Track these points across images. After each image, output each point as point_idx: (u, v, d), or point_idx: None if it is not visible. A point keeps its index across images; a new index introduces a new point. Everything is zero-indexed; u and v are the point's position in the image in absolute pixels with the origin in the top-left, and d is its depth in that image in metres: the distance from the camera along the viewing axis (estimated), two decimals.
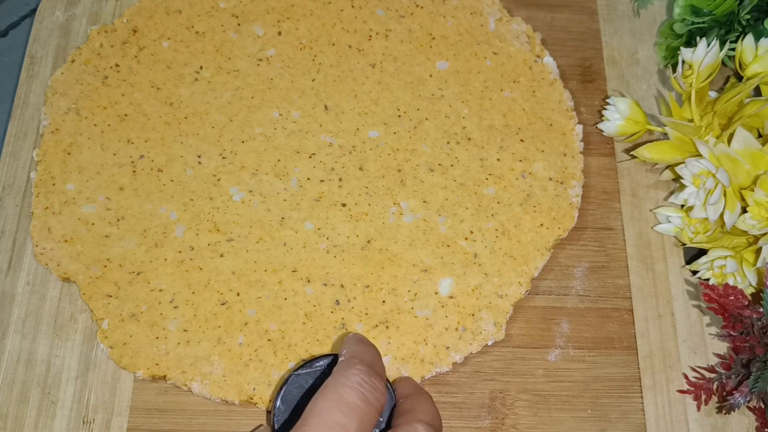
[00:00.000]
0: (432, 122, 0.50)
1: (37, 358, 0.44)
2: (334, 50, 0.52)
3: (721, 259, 0.45)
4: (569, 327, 0.46)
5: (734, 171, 0.44)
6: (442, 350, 0.44)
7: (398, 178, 0.48)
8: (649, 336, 0.46)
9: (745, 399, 0.42)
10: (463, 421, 0.43)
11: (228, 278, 0.45)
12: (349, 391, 0.32)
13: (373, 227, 0.47)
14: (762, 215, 0.43)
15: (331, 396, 0.32)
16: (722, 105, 0.46)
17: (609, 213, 0.49)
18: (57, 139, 0.48)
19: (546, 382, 0.45)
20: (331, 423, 0.31)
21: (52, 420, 0.43)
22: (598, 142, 0.51)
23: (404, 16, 0.53)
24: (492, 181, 0.48)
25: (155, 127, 0.49)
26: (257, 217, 0.47)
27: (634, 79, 0.53)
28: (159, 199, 0.47)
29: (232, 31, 0.52)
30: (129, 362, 0.43)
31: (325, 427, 0.31)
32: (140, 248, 0.46)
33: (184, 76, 0.51)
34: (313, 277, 0.45)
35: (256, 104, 0.50)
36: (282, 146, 0.49)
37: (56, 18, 0.53)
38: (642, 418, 0.44)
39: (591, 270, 0.47)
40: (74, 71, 0.50)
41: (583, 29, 0.54)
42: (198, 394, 0.43)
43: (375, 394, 0.33)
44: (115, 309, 0.44)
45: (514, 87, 0.51)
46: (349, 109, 0.50)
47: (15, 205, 0.48)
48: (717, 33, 0.49)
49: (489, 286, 0.46)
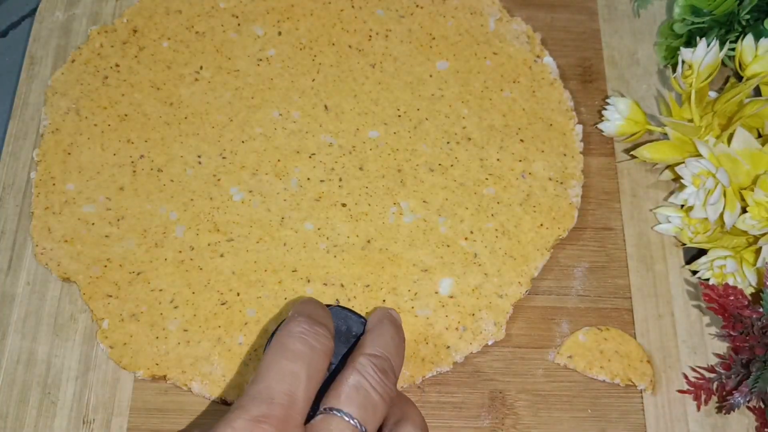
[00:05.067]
0: (432, 122, 0.50)
1: (37, 358, 0.44)
2: (334, 50, 0.52)
3: (721, 259, 0.45)
4: (569, 327, 0.46)
5: (734, 171, 0.44)
6: (443, 350, 0.44)
7: (398, 178, 0.48)
8: (649, 336, 0.46)
9: (745, 399, 0.42)
10: (463, 421, 0.43)
11: (228, 278, 0.45)
12: (293, 340, 0.34)
13: (373, 227, 0.47)
14: (762, 215, 0.43)
15: (277, 348, 0.34)
16: (722, 105, 0.46)
17: (609, 213, 0.49)
18: (57, 139, 0.48)
19: (546, 382, 0.45)
20: (281, 371, 0.33)
21: (52, 420, 0.43)
22: (598, 142, 0.51)
23: (404, 16, 0.53)
24: (492, 181, 0.48)
25: (155, 127, 0.49)
26: (257, 217, 0.47)
27: (634, 79, 0.53)
28: (159, 199, 0.47)
29: (232, 31, 0.52)
30: (129, 362, 0.43)
31: (276, 376, 0.32)
32: (140, 248, 0.46)
33: (184, 76, 0.51)
34: (313, 277, 0.45)
35: (256, 104, 0.50)
36: (282, 146, 0.49)
37: (56, 18, 0.53)
38: (642, 418, 0.44)
39: (591, 270, 0.47)
40: (74, 71, 0.50)
41: (583, 29, 0.54)
42: (198, 394, 0.43)
43: (318, 338, 0.34)
44: (115, 309, 0.44)
45: (514, 87, 0.51)
46: (349, 109, 0.50)
47: (15, 205, 0.48)
48: (717, 33, 0.49)
49: (489, 286, 0.46)
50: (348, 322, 0.38)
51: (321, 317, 0.36)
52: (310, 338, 0.34)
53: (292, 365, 0.33)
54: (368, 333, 0.38)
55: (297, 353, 0.33)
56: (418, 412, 0.37)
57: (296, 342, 0.34)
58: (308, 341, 0.34)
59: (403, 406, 0.37)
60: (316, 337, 0.34)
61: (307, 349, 0.34)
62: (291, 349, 0.34)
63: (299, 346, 0.34)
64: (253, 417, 0.31)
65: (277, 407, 0.32)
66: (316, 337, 0.34)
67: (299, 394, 0.32)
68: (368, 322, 0.39)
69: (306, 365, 0.33)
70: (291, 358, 0.33)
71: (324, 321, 0.36)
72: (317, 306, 0.37)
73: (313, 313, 0.36)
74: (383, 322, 0.38)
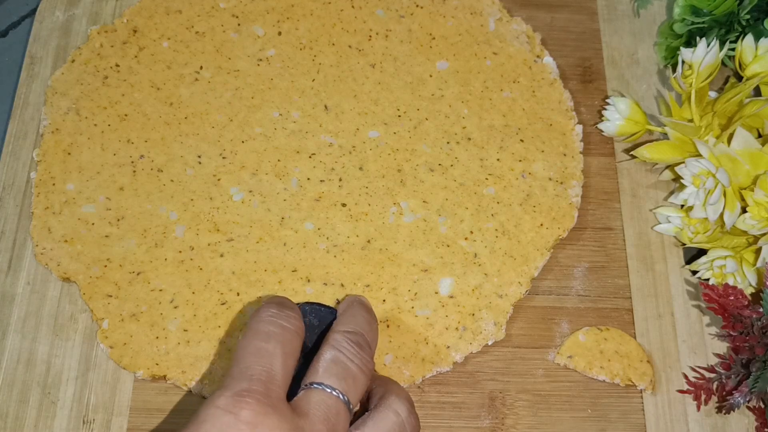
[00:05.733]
0: (432, 122, 0.50)
1: (37, 358, 0.44)
2: (334, 50, 0.52)
3: (721, 259, 0.45)
4: (569, 327, 0.46)
5: (734, 171, 0.44)
6: (443, 349, 0.44)
7: (398, 178, 0.48)
8: (649, 336, 0.46)
9: (745, 399, 0.42)
10: (463, 421, 0.43)
11: (228, 278, 0.45)
12: (263, 324, 0.35)
13: (373, 227, 0.47)
14: (762, 215, 0.43)
15: (249, 333, 0.35)
16: (722, 105, 0.46)
17: (609, 213, 0.49)
18: (57, 139, 0.48)
19: (546, 382, 0.45)
20: (257, 351, 0.34)
21: (52, 420, 0.43)
22: (598, 142, 0.51)
23: (404, 16, 0.53)
24: (492, 181, 0.48)
25: (155, 127, 0.49)
26: (257, 217, 0.47)
27: (634, 79, 0.53)
28: (159, 199, 0.47)
29: (232, 31, 0.52)
30: (129, 362, 0.43)
31: (252, 357, 0.34)
32: (140, 248, 0.46)
33: (184, 76, 0.51)
34: (313, 277, 0.45)
35: (256, 104, 0.50)
36: (282, 146, 0.49)
37: (56, 18, 0.53)
38: (642, 418, 0.44)
39: (591, 270, 0.47)
40: (74, 71, 0.50)
41: (583, 29, 0.54)
42: (198, 394, 0.43)
43: (288, 320, 0.36)
44: (115, 309, 0.44)
45: (514, 87, 0.51)
46: (349, 109, 0.50)
47: (15, 205, 0.48)
48: (717, 33, 0.49)
49: (489, 286, 0.46)
50: (319, 315, 0.40)
51: (288, 304, 0.37)
52: (280, 320, 0.36)
53: (266, 345, 0.34)
54: (340, 316, 0.39)
55: (269, 333, 0.35)
56: (401, 388, 0.38)
57: (267, 324, 0.35)
58: (278, 322, 0.36)
59: (386, 384, 0.38)
60: (286, 318, 0.36)
61: (278, 329, 0.35)
62: (263, 330, 0.35)
63: (270, 328, 0.35)
64: (235, 393, 0.32)
65: (257, 382, 0.33)
66: (286, 318, 0.36)
67: (277, 369, 0.34)
68: (339, 308, 0.40)
69: (279, 343, 0.35)
70: (264, 339, 0.35)
71: (291, 306, 0.37)
72: (284, 298, 0.39)
73: (282, 301, 0.37)
74: (353, 305, 0.40)
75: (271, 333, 0.35)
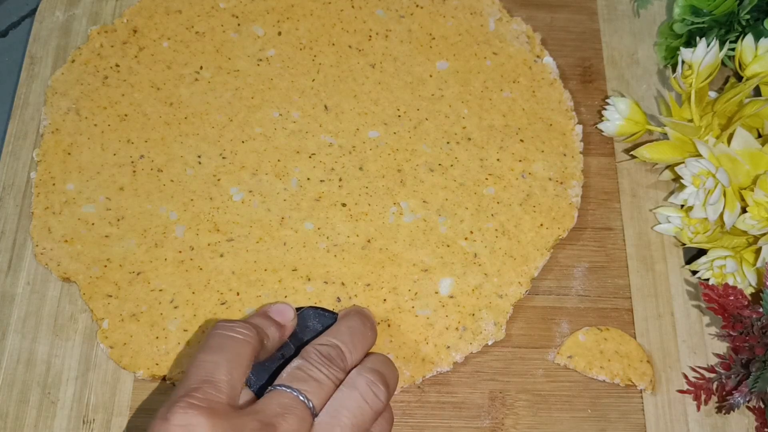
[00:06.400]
0: (432, 122, 0.50)
1: (37, 358, 0.44)
2: (334, 50, 0.52)
3: (721, 259, 0.45)
4: (569, 327, 0.46)
5: (734, 171, 0.44)
6: (443, 349, 0.44)
7: (398, 178, 0.48)
8: (649, 336, 0.46)
9: (745, 399, 0.42)
10: (463, 421, 0.43)
11: (228, 278, 0.45)
12: (214, 337, 0.36)
13: (373, 227, 0.47)
14: (761, 215, 0.43)
15: (201, 347, 0.36)
16: (722, 105, 0.46)
17: (609, 213, 0.49)
18: (57, 139, 0.48)
19: (546, 382, 0.45)
20: (200, 364, 0.35)
21: (52, 420, 0.43)
22: (597, 142, 0.51)
23: (404, 16, 0.53)
24: (492, 181, 0.48)
25: (155, 127, 0.49)
26: (257, 217, 0.47)
27: (633, 79, 0.53)
28: (159, 199, 0.47)
29: (232, 31, 0.52)
30: (129, 362, 0.43)
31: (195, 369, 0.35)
32: (140, 248, 0.46)
33: (184, 76, 0.51)
34: (313, 276, 0.45)
35: (256, 104, 0.50)
36: (282, 146, 0.49)
37: (56, 18, 0.53)
38: (642, 418, 0.44)
39: (591, 270, 0.47)
40: (74, 71, 0.50)
41: (583, 29, 0.54)
42: None
43: (242, 330, 0.37)
44: (115, 309, 0.44)
45: (514, 87, 0.51)
46: (349, 109, 0.50)
47: (15, 205, 0.48)
48: (717, 33, 0.49)
49: (489, 286, 0.46)
50: (322, 319, 0.41)
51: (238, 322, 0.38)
52: (232, 332, 0.36)
53: (210, 356, 0.35)
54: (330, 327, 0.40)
55: (213, 347, 0.36)
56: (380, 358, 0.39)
57: (213, 338, 0.36)
58: (224, 334, 0.36)
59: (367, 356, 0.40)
60: (233, 329, 0.37)
61: (229, 341, 0.36)
62: (208, 344, 0.36)
63: (216, 341, 0.36)
64: (171, 402, 0.33)
65: (193, 389, 0.34)
66: (233, 329, 0.37)
67: (219, 377, 0.34)
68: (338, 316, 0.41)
69: (224, 353, 0.35)
70: (208, 352, 0.36)
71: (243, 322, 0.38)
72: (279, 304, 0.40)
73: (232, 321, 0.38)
74: (349, 314, 0.41)
75: (215, 346, 0.36)
